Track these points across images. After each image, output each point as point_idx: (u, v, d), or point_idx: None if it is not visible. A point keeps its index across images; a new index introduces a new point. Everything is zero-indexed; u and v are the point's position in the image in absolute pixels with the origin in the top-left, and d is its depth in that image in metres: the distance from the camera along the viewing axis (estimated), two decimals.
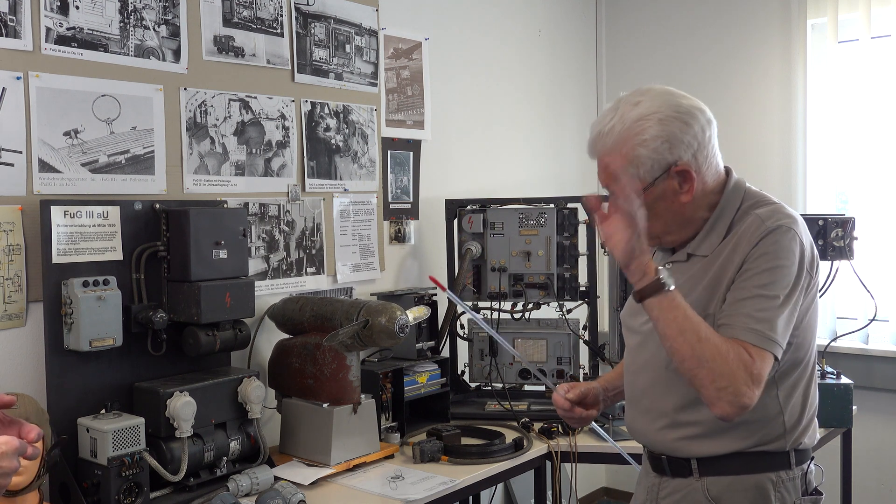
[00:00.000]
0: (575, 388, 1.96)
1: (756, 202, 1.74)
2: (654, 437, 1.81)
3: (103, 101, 2.43)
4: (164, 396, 2.27)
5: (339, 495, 2.34)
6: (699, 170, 1.71)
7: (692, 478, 1.74)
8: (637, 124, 1.68)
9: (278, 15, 2.90)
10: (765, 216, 1.68)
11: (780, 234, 1.65)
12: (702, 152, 1.71)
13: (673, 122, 1.68)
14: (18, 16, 2.25)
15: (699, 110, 1.72)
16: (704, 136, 1.71)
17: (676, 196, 1.71)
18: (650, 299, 1.63)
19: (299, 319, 2.67)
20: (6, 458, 1.32)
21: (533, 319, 3.16)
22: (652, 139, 1.67)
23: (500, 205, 3.17)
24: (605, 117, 1.73)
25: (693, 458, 1.73)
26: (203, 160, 2.69)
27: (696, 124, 1.70)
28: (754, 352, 1.59)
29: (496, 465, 2.58)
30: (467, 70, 3.77)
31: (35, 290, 2.28)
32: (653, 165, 1.68)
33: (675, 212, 1.73)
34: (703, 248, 1.75)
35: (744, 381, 1.57)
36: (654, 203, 1.70)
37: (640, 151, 1.68)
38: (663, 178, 1.69)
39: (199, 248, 2.38)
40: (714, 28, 4.23)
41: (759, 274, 1.63)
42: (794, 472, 1.72)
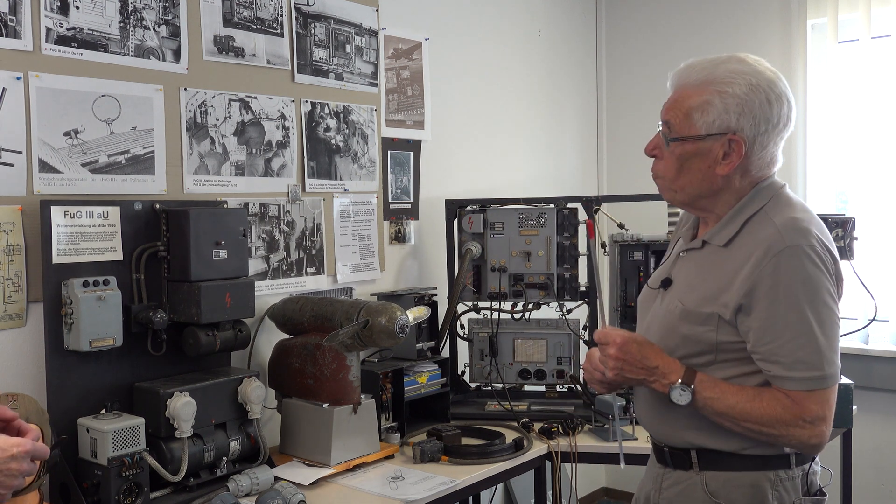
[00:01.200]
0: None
1: (777, 206, 1.70)
2: (658, 426, 1.82)
3: (103, 102, 2.43)
4: (164, 396, 2.27)
5: (339, 495, 2.34)
6: (750, 153, 1.68)
7: (692, 471, 1.75)
8: (728, 75, 1.66)
9: (278, 15, 2.90)
10: (783, 229, 1.64)
11: (796, 254, 1.61)
12: (763, 138, 1.68)
13: (760, 93, 1.66)
14: (19, 16, 2.25)
15: (788, 102, 1.70)
16: (776, 128, 1.69)
17: (715, 163, 1.69)
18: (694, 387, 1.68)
19: (299, 320, 2.67)
20: (18, 460, 1.33)
21: (533, 320, 3.16)
22: (732, 95, 1.65)
23: (500, 205, 3.17)
24: (704, 59, 1.71)
25: (693, 450, 1.74)
26: (203, 160, 2.69)
27: (777, 110, 1.67)
28: (800, 396, 1.61)
29: (496, 466, 2.58)
30: (467, 70, 3.77)
31: (35, 290, 2.28)
32: (715, 120, 1.66)
33: (704, 177, 1.71)
34: (719, 237, 1.73)
35: (800, 426, 1.62)
36: (691, 156, 1.70)
37: (715, 100, 1.66)
38: (716, 137, 1.67)
39: (200, 249, 2.38)
40: (714, 28, 4.23)
41: (785, 307, 1.60)
42: (794, 471, 1.71)
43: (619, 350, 1.71)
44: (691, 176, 1.72)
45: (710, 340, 1.69)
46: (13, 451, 1.33)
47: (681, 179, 1.73)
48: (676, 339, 1.73)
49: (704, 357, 1.71)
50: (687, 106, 1.69)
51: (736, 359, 1.69)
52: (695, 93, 1.68)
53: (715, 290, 1.68)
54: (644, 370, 1.70)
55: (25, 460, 1.35)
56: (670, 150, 1.72)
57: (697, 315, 1.70)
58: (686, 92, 1.70)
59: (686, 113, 1.69)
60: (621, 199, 3.37)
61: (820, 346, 1.60)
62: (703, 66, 1.69)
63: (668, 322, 1.76)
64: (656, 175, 1.79)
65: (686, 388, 1.66)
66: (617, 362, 1.71)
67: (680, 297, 1.75)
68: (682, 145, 1.70)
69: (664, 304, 1.79)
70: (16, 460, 1.33)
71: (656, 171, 1.78)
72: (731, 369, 1.69)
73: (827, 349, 1.61)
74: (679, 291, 1.77)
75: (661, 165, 1.76)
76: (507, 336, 3.15)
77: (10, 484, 1.33)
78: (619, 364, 1.71)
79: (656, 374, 1.70)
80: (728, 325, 1.67)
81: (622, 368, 1.71)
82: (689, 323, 1.71)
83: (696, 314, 1.70)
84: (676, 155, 1.72)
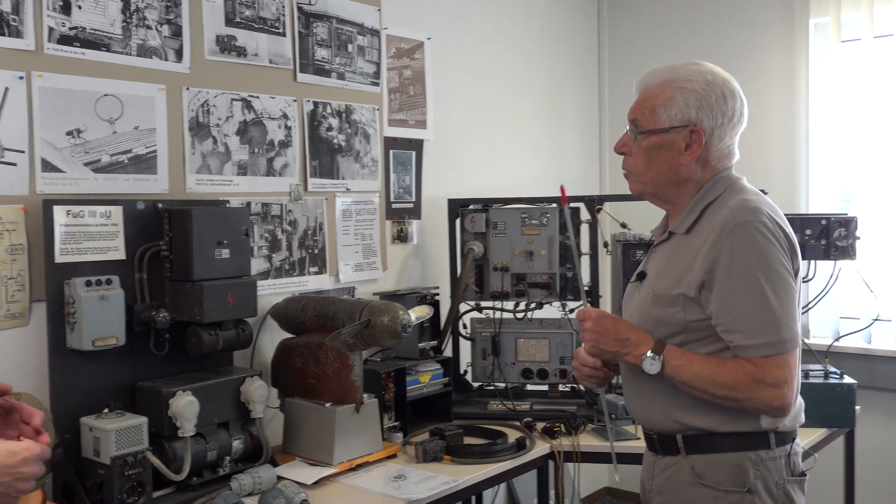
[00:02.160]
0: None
1: (732, 193, 1.83)
2: (645, 412, 1.93)
3: (106, 101, 2.43)
4: (166, 396, 2.27)
5: (341, 495, 2.34)
6: (709, 144, 1.84)
7: (679, 455, 1.85)
8: (688, 74, 1.84)
9: (280, 14, 2.90)
10: (735, 209, 1.77)
11: (746, 230, 1.73)
12: (721, 131, 1.84)
13: (716, 88, 1.83)
14: (21, 15, 2.25)
15: (741, 101, 1.86)
16: (731, 121, 1.84)
17: (679, 154, 1.84)
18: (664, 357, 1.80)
19: (302, 319, 2.67)
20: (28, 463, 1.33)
21: (535, 319, 3.16)
22: (692, 91, 1.82)
23: (503, 204, 3.17)
24: (666, 65, 1.90)
25: (678, 434, 1.84)
26: (205, 160, 2.69)
27: (732, 106, 1.84)
28: (761, 362, 1.72)
29: (499, 465, 2.58)
30: (469, 69, 3.76)
31: (38, 289, 2.28)
32: (677, 113, 1.83)
33: (669, 167, 1.86)
34: (681, 226, 1.87)
35: (762, 389, 1.72)
36: (657, 148, 1.86)
37: (676, 95, 1.83)
38: (678, 130, 1.83)
39: (202, 248, 2.38)
40: (717, 28, 4.23)
41: (741, 279, 1.72)
42: (776, 452, 1.80)
43: (594, 323, 1.87)
44: (658, 167, 1.87)
45: (679, 320, 1.81)
46: (23, 454, 1.33)
47: (650, 171, 1.89)
48: (650, 324, 1.86)
49: (677, 338, 1.82)
50: (652, 104, 1.86)
51: (705, 336, 1.79)
52: (659, 91, 1.85)
53: (680, 273, 1.82)
54: (617, 342, 1.84)
55: (37, 463, 1.36)
56: (638, 145, 1.88)
57: (666, 298, 1.83)
58: (650, 92, 1.87)
59: (651, 109, 1.85)
60: (624, 199, 3.35)
61: (775, 313, 1.71)
62: (664, 69, 1.88)
63: (643, 309, 1.90)
64: (627, 170, 1.95)
65: (656, 356, 1.78)
66: (592, 334, 1.86)
67: (651, 284, 1.90)
68: (649, 138, 1.86)
69: (639, 295, 1.94)
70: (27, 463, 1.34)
71: (626, 167, 1.94)
72: (702, 348, 1.80)
73: (782, 315, 1.72)
74: (650, 280, 1.91)
75: (631, 161, 1.92)
76: (510, 335, 3.15)
77: (21, 487, 1.34)
78: (594, 336, 1.86)
79: (629, 345, 1.83)
80: (693, 303, 1.79)
81: (597, 340, 1.86)
82: (659, 307, 1.84)
83: (664, 297, 1.83)
84: (644, 148, 1.87)
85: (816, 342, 3.63)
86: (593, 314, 1.89)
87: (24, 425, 1.48)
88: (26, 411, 1.50)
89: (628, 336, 1.84)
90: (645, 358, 1.79)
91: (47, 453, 1.38)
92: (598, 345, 1.87)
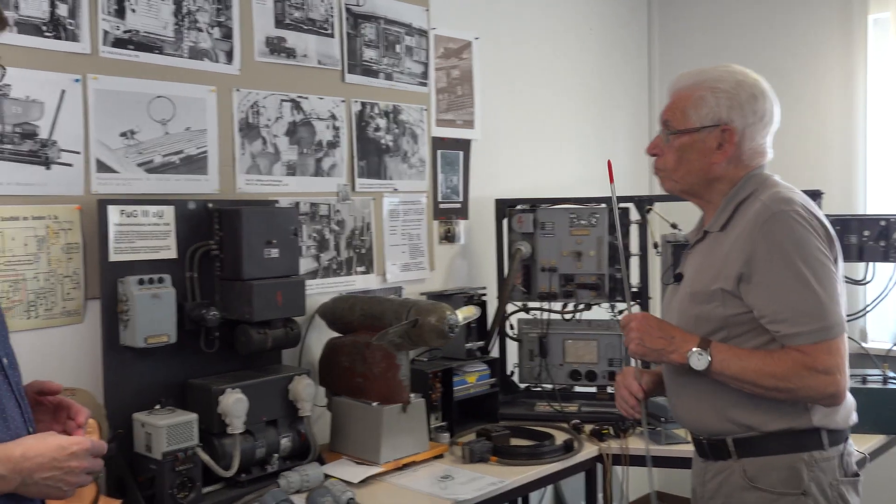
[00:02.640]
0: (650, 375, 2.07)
1: (765, 189, 1.83)
2: (694, 418, 1.91)
3: (158, 103, 2.48)
4: (216, 393, 2.30)
5: (388, 494, 2.34)
6: (741, 143, 1.86)
7: (731, 460, 1.83)
8: (718, 76, 1.88)
9: (329, 16, 2.92)
10: (768, 201, 1.78)
11: (782, 219, 1.73)
12: (752, 130, 1.86)
13: (746, 89, 1.85)
14: (77, 19, 2.30)
15: (772, 102, 1.88)
16: (762, 120, 1.86)
17: (711, 153, 1.87)
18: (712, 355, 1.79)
19: (349, 318, 2.68)
20: (77, 457, 1.35)
21: (583, 320, 3.13)
22: (722, 91, 1.85)
23: (551, 204, 3.15)
24: (696, 68, 1.93)
25: (728, 438, 1.82)
26: (255, 160, 2.72)
27: (763, 106, 1.86)
28: (809, 349, 1.71)
29: (546, 467, 2.56)
30: (517, 69, 3.75)
31: (93, 287, 2.33)
32: (708, 113, 1.85)
33: (701, 166, 1.88)
34: (716, 224, 1.88)
35: (814, 377, 1.70)
36: (689, 147, 1.88)
37: (707, 95, 1.86)
38: (710, 129, 1.86)
39: (252, 247, 2.41)
40: (771, 25, 4.14)
41: (781, 267, 1.72)
42: (829, 452, 1.77)
43: (638, 323, 1.89)
44: (689, 166, 1.90)
45: (719, 316, 1.80)
46: (73, 448, 1.35)
47: (680, 170, 1.91)
48: (690, 322, 1.86)
49: (718, 334, 1.81)
50: (683, 105, 1.89)
51: (748, 331, 1.79)
52: (690, 92, 1.89)
53: (716, 269, 1.82)
54: (663, 339, 1.84)
55: (86, 458, 1.37)
56: (670, 145, 1.91)
57: (703, 294, 1.83)
58: (682, 93, 1.91)
59: (682, 110, 1.89)
60: (673, 200, 3.30)
61: (820, 299, 1.71)
62: (695, 72, 1.92)
63: (682, 308, 1.90)
64: (658, 169, 1.97)
65: (703, 351, 1.77)
66: (637, 333, 1.87)
67: (689, 284, 1.91)
68: (680, 138, 1.89)
69: (678, 295, 1.95)
70: (76, 458, 1.36)
71: (657, 166, 1.97)
72: (746, 343, 1.79)
73: (827, 300, 1.71)
74: (688, 280, 1.93)
75: (662, 160, 1.95)
76: (557, 337, 3.13)
77: (72, 481, 1.36)
78: (639, 335, 1.87)
79: (675, 342, 1.83)
80: (732, 296, 1.78)
81: (642, 339, 1.86)
82: (697, 303, 1.85)
83: (702, 294, 1.84)
84: (676, 148, 1.90)
85: (875, 346, 3.53)
86: (638, 315, 1.92)
87: (69, 421, 1.51)
88: (74, 408, 1.52)
89: (674, 334, 1.85)
90: (692, 353, 1.78)
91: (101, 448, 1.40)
92: (644, 342, 1.86)
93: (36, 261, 2.22)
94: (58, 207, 2.26)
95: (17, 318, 2.18)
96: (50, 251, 2.24)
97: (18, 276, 2.19)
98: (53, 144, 2.25)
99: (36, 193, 2.23)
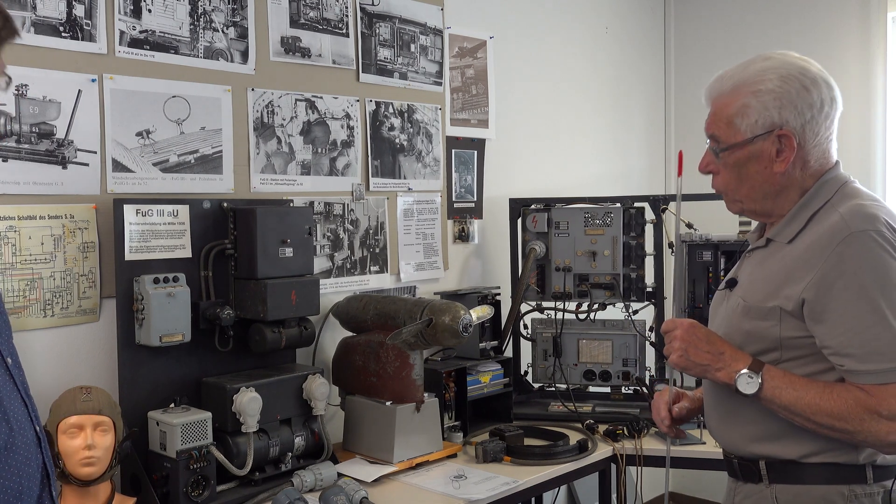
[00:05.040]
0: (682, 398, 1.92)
1: (843, 198, 1.63)
2: (727, 434, 1.76)
3: (174, 102, 2.49)
4: (230, 392, 2.31)
5: (401, 493, 2.34)
6: (803, 143, 1.64)
7: (762, 484, 1.68)
8: (758, 74, 1.65)
9: (344, 15, 2.92)
10: (847, 216, 1.57)
11: (862, 241, 1.53)
12: (812, 126, 1.64)
13: (793, 81, 1.63)
14: (94, 19, 2.31)
15: (826, 83, 1.65)
16: (821, 111, 1.64)
17: (771, 162, 1.66)
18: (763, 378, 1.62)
19: (363, 317, 2.69)
20: None
21: (598, 320, 3.12)
22: (767, 92, 1.63)
23: (565, 204, 3.14)
24: (732, 67, 1.71)
25: (761, 461, 1.67)
26: (270, 159, 2.73)
27: (817, 94, 1.63)
28: (875, 390, 1.52)
29: (560, 467, 2.55)
30: (532, 68, 3.74)
31: (108, 286, 2.34)
32: (757, 120, 1.64)
33: (764, 179, 1.67)
34: (783, 234, 1.68)
35: (876, 422, 1.52)
36: (745, 162, 1.67)
37: (751, 101, 1.64)
38: (763, 137, 1.64)
39: (266, 247, 2.41)
40: (788, 24, 4.11)
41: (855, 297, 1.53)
42: (872, 488, 1.60)
43: (684, 332, 1.69)
44: (752, 182, 1.69)
45: (773, 336, 1.63)
46: None
47: (743, 188, 1.71)
48: (740, 337, 1.68)
49: (769, 355, 1.64)
50: (727, 114, 1.67)
51: (802, 356, 1.62)
52: (731, 100, 1.67)
53: (777, 284, 1.63)
54: (710, 354, 1.67)
55: None
56: (723, 162, 1.70)
57: (759, 310, 1.65)
58: (722, 101, 1.69)
59: (728, 121, 1.67)
60: (690, 199, 3.28)
61: (889, 339, 1.51)
62: (732, 73, 1.69)
63: (732, 320, 1.72)
64: (718, 190, 1.77)
65: (754, 374, 1.61)
66: (682, 343, 1.68)
67: (742, 293, 1.72)
68: (733, 153, 1.68)
69: (729, 304, 1.76)
70: None
71: (718, 187, 1.76)
72: (798, 369, 1.62)
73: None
74: (742, 289, 1.74)
75: (720, 180, 1.74)
76: (572, 336, 3.12)
77: None
78: (684, 346, 1.68)
79: (723, 359, 1.65)
80: (791, 317, 1.60)
81: (687, 350, 1.68)
82: (751, 318, 1.66)
83: (757, 309, 1.65)
84: (731, 164, 1.70)
85: None
86: (684, 323, 1.70)
87: None
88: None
89: (723, 349, 1.66)
90: (741, 375, 1.61)
91: None
92: (688, 356, 1.68)
93: (52, 260, 2.24)
94: (74, 207, 2.28)
95: (34, 317, 2.20)
96: (66, 250, 2.26)
97: (35, 275, 2.21)
98: (70, 144, 2.27)
99: (52, 193, 2.24)
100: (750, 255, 1.79)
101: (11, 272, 2.16)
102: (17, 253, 2.18)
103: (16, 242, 2.17)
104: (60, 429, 2.01)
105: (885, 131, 3.79)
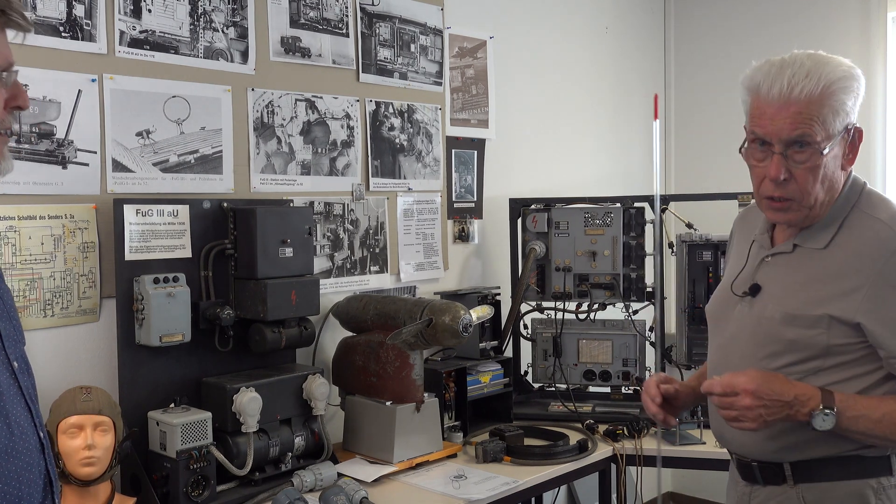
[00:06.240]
0: (672, 382, 1.86)
1: (870, 203, 1.64)
2: (742, 440, 1.72)
3: (174, 102, 2.49)
4: (230, 392, 2.31)
5: (401, 493, 2.34)
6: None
7: (786, 485, 1.66)
8: (834, 69, 1.59)
9: (344, 15, 2.92)
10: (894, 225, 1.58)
11: None
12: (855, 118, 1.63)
13: (859, 77, 1.62)
14: (93, 19, 2.31)
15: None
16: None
17: (842, 160, 1.63)
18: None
19: (363, 317, 2.69)
20: None
21: (598, 320, 3.12)
22: (854, 90, 1.60)
23: (565, 204, 3.14)
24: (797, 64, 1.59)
25: (786, 463, 1.65)
26: (270, 160, 2.73)
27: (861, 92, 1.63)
28: None
29: (560, 467, 2.55)
30: (532, 68, 3.74)
31: (108, 286, 2.34)
32: (844, 116, 1.59)
33: (833, 179, 1.62)
34: (816, 240, 1.66)
35: None
36: (828, 162, 1.60)
37: (841, 96, 1.58)
38: (842, 134, 1.60)
39: (266, 247, 2.41)
40: (788, 23, 4.11)
41: None
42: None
43: (754, 398, 1.57)
44: (827, 183, 1.62)
45: (820, 344, 1.60)
46: None
47: (819, 193, 1.62)
48: (781, 346, 1.64)
49: (811, 363, 1.62)
50: (817, 112, 1.57)
51: (844, 362, 1.60)
52: (823, 97, 1.58)
53: (824, 293, 1.61)
54: (785, 406, 1.58)
55: None
56: (804, 165, 1.59)
57: (805, 318, 1.61)
58: (811, 100, 1.58)
59: (821, 119, 1.58)
60: (689, 199, 3.30)
61: None
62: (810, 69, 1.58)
63: (767, 329, 1.67)
64: (788, 198, 1.63)
65: (829, 411, 1.55)
66: (757, 410, 1.57)
67: (778, 302, 1.67)
68: (822, 154, 1.59)
69: (754, 311, 1.71)
70: None
71: (789, 194, 1.63)
72: (836, 374, 1.61)
73: None
74: (775, 297, 1.68)
75: (795, 186, 1.61)
76: (572, 336, 3.12)
77: None
78: (758, 412, 1.58)
79: (796, 404, 1.57)
80: (840, 325, 1.58)
81: (762, 415, 1.58)
82: (795, 327, 1.62)
83: (803, 318, 1.61)
84: (812, 167, 1.60)
85: None
86: (749, 386, 1.57)
87: None
88: None
89: (793, 395, 1.57)
90: (816, 414, 1.55)
91: None
92: (765, 419, 1.58)
93: (52, 260, 2.24)
94: (74, 207, 2.28)
95: (34, 317, 2.20)
96: (66, 250, 2.26)
97: (35, 275, 2.21)
98: (70, 144, 2.27)
99: (52, 193, 2.24)
100: (771, 261, 1.73)
101: (11, 272, 2.16)
102: (17, 253, 2.18)
103: (16, 242, 2.18)
104: (60, 429, 2.01)
105: (885, 131, 3.79)
